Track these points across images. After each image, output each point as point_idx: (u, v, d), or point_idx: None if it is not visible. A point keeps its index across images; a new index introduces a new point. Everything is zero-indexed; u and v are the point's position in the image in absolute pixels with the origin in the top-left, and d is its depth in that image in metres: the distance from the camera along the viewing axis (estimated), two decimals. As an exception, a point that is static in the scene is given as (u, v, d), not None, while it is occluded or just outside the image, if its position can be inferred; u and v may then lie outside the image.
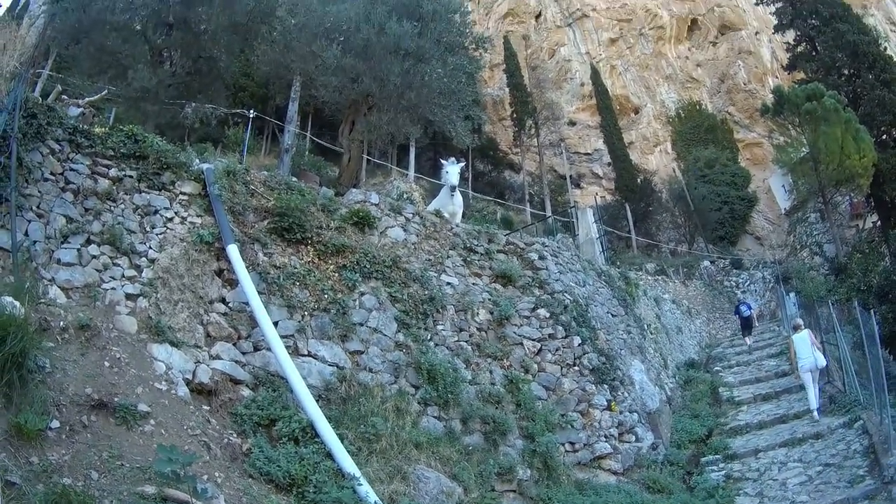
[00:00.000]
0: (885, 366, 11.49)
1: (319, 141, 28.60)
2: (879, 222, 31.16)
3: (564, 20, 50.19)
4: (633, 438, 11.66)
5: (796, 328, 14.43)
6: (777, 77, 43.31)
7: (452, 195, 14.30)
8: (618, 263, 25.45)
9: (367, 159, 29.20)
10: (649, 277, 26.68)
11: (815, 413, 12.94)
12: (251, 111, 20.68)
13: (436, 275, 11.41)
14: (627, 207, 38.27)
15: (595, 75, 46.10)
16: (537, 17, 51.92)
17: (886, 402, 10.12)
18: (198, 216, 8.86)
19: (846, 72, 32.81)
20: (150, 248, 8.13)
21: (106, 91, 16.68)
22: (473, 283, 12.05)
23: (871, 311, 12.96)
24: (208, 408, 7.20)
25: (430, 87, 18.81)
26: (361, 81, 18.64)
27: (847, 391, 13.73)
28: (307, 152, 28.07)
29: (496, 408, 10.17)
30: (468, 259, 12.47)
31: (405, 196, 16.89)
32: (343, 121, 21.48)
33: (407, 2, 19.14)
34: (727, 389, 16.99)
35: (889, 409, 9.87)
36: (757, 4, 39.71)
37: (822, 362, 13.69)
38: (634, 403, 12.50)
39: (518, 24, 52.06)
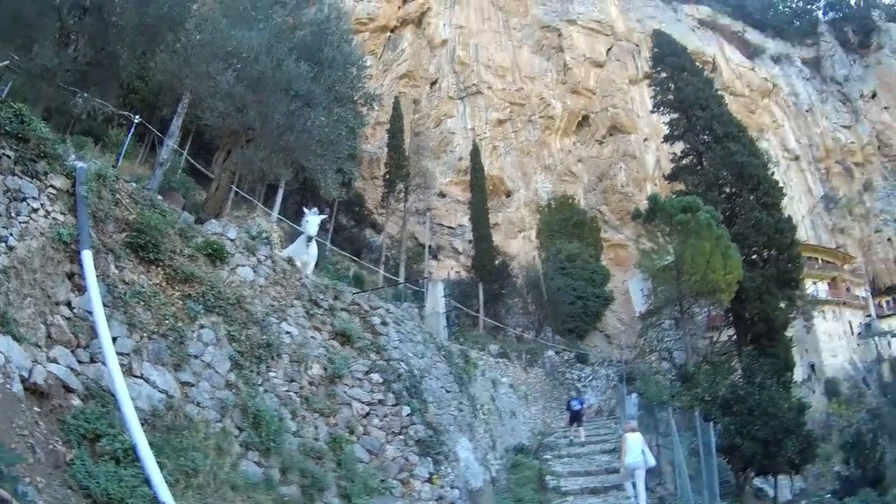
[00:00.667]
0: (721, 474, 12.67)
1: (194, 162, 27.33)
2: (735, 337, 32.24)
3: (458, 92, 50.70)
4: (452, 512, 11.66)
5: (632, 430, 14.99)
6: (656, 185, 45.37)
7: (308, 245, 14.26)
8: (461, 340, 25.42)
9: (236, 191, 28.03)
10: (491, 359, 26.26)
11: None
12: (137, 116, 20.02)
13: (277, 321, 11.33)
14: (480, 287, 37.89)
15: (475, 152, 46.15)
16: (433, 83, 52.27)
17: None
18: (62, 213, 8.43)
19: (728, 190, 34.33)
20: (12, 235, 7.59)
21: (8, 62, 15.68)
22: (312, 337, 12.03)
23: (713, 422, 14.05)
24: (39, 410, 6.89)
25: (310, 133, 18.54)
26: (246, 113, 18.09)
27: (679, 494, 14.14)
28: (180, 170, 26.92)
29: (317, 463, 10.18)
30: (311, 312, 12.47)
31: (264, 235, 15.80)
32: (220, 148, 20.63)
33: (310, 43, 19.06)
34: (554, 478, 17.14)
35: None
36: (652, 112, 41.55)
37: (652, 462, 14.20)
38: (457, 480, 12.65)
39: (412, 87, 52.12)
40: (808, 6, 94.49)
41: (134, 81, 27.67)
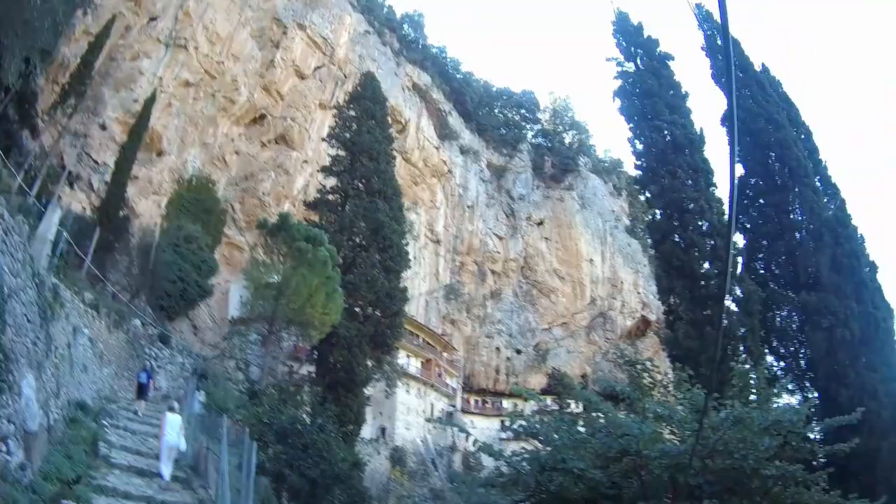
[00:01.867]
0: (270, 500, 13.70)
1: None
2: (315, 374, 32.82)
3: (167, 38, 47.19)
4: (4, 449, 10.54)
5: (172, 409, 15.54)
6: (294, 206, 45.95)
7: None
8: (60, 276, 22.93)
9: None
10: (81, 305, 24.09)
11: (162, 479, 14.37)
12: None
13: None
14: (97, 231, 35.09)
15: (151, 101, 42.75)
16: (152, 19, 47.92)
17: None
18: None
19: (358, 240, 35.12)
20: None
21: None
22: None
23: (266, 445, 15.06)
24: None
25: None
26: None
27: (218, 502, 14.13)
28: None
29: None
30: None
31: None
32: None
33: None
34: (107, 447, 16.11)
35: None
36: (324, 140, 41.82)
37: (183, 447, 14.92)
38: (15, 416, 11.34)
39: (134, 13, 46.70)
40: (524, 124, 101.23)
41: None
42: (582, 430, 15.53)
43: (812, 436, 16.83)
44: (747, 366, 17.61)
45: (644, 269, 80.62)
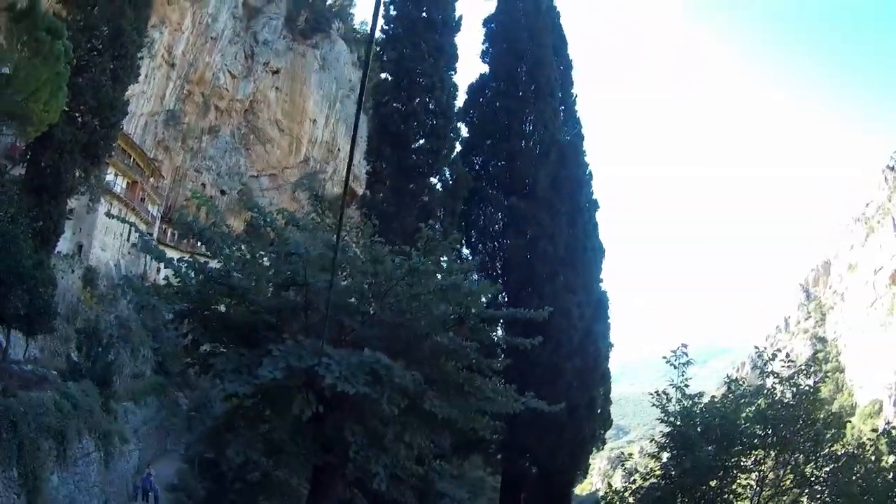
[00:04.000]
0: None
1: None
2: (23, 177, 29.50)
3: None
4: None
5: None
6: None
7: None
8: None
9: None
10: None
11: None
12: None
13: None
14: None
15: None
16: None
17: None
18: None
19: (98, 44, 31.12)
20: None
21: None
22: None
23: None
24: None
25: None
26: None
27: None
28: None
29: None
30: None
31: None
32: None
33: None
34: None
35: None
36: None
37: None
38: None
39: None
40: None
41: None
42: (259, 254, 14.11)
43: (497, 335, 17.45)
44: (437, 235, 16.05)
45: (363, 145, 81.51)
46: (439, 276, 13.71)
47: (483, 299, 14.29)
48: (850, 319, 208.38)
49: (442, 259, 15.08)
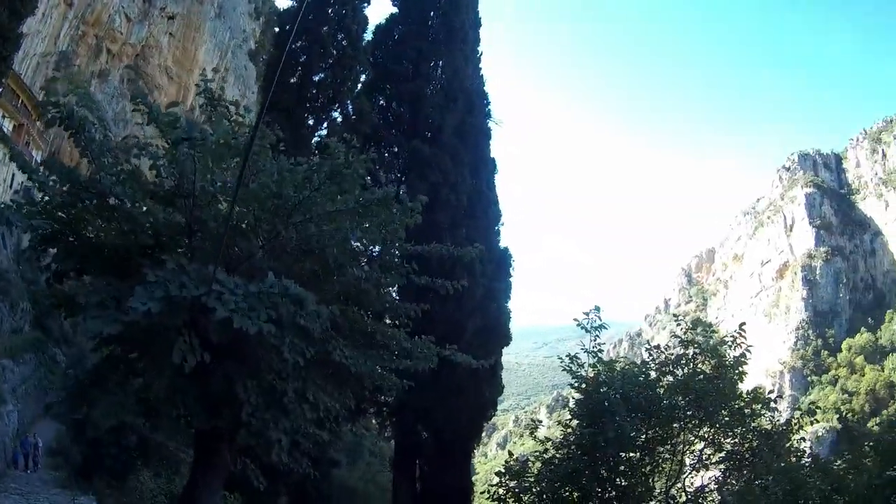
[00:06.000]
0: None
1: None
2: None
3: None
4: None
5: None
6: None
7: None
8: None
9: None
10: None
11: None
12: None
13: None
14: None
15: None
16: None
17: None
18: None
19: None
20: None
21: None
22: None
23: None
24: None
25: None
26: None
27: None
28: None
29: None
30: None
31: None
32: None
33: None
34: None
35: None
36: None
37: None
38: None
39: None
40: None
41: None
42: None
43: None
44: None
45: (252, 97, 79.64)
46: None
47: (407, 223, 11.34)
48: (732, 307, 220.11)
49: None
